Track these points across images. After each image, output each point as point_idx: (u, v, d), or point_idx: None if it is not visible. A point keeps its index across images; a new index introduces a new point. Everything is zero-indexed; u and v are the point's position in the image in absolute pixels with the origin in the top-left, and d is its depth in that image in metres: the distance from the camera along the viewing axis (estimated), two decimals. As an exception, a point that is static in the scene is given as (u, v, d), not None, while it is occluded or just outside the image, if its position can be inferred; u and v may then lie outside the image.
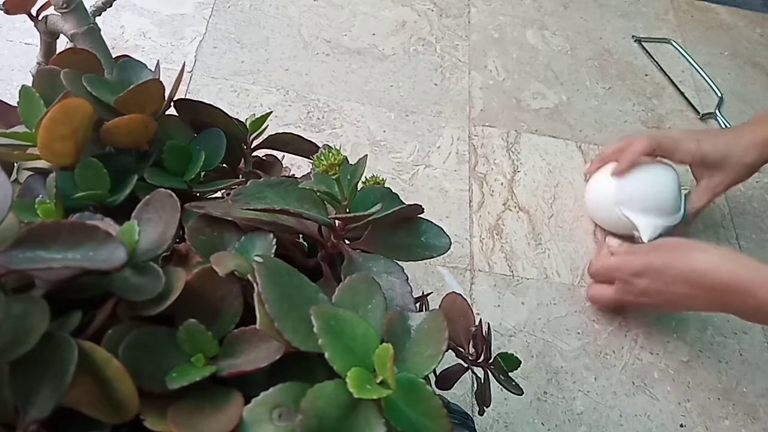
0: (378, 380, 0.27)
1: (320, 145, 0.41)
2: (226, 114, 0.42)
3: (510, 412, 0.63)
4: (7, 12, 0.43)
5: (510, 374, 0.42)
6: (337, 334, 0.28)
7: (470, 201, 0.79)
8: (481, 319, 0.43)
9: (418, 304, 0.39)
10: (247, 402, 0.27)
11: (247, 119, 0.45)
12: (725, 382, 0.69)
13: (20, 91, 0.37)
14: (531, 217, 0.79)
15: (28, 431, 0.25)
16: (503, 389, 0.42)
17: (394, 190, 0.39)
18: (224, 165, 0.43)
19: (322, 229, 0.38)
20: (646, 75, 0.98)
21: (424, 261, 0.52)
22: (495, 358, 0.42)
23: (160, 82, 0.38)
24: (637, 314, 0.73)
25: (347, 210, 0.36)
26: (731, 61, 1.02)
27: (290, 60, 0.88)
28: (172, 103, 0.41)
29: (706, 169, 0.75)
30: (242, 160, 0.45)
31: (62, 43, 0.44)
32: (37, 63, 0.48)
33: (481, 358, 0.41)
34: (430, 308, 0.41)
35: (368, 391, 0.26)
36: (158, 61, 0.42)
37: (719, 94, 0.95)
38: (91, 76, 0.37)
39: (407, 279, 0.36)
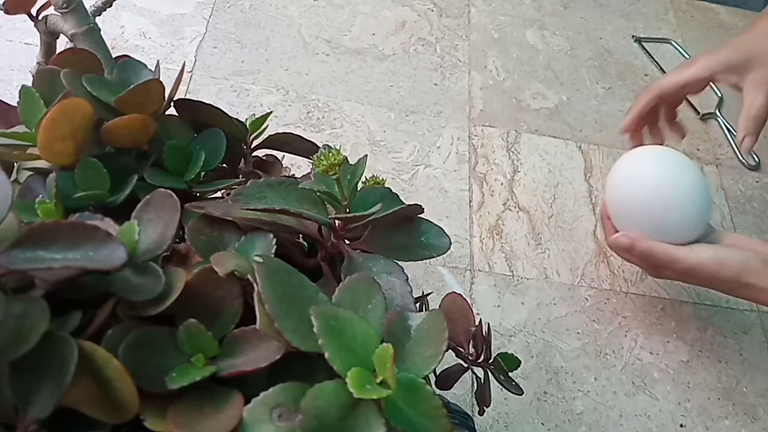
0: (378, 380, 0.27)
1: (320, 145, 0.41)
2: (226, 114, 0.42)
3: (510, 412, 0.63)
4: (7, 12, 0.43)
5: (510, 374, 0.42)
6: (337, 334, 0.28)
7: (470, 201, 0.79)
8: (481, 319, 0.43)
9: (418, 304, 0.39)
10: (247, 402, 0.27)
11: (247, 119, 0.45)
12: (725, 382, 0.69)
13: (20, 91, 0.37)
14: (531, 217, 0.79)
15: (28, 431, 0.25)
16: (503, 389, 0.42)
17: (394, 190, 0.39)
18: (224, 165, 0.43)
19: (322, 229, 0.38)
20: (646, 75, 0.98)
21: (424, 261, 0.52)
22: (495, 358, 0.42)
23: (160, 82, 0.38)
24: (637, 314, 0.73)
25: (347, 210, 0.36)
26: (731, 61, 1.02)
27: (290, 60, 0.88)
28: (172, 103, 0.41)
29: (738, 72, 0.65)
30: (242, 160, 0.45)
31: (62, 43, 0.44)
32: (37, 63, 0.48)
33: (481, 358, 0.41)
34: (430, 308, 0.41)
35: (368, 391, 0.26)
36: (158, 61, 0.42)
37: (719, 94, 0.95)
38: (91, 76, 0.37)
39: (407, 279, 0.36)
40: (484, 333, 0.42)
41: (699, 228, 0.63)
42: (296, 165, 0.72)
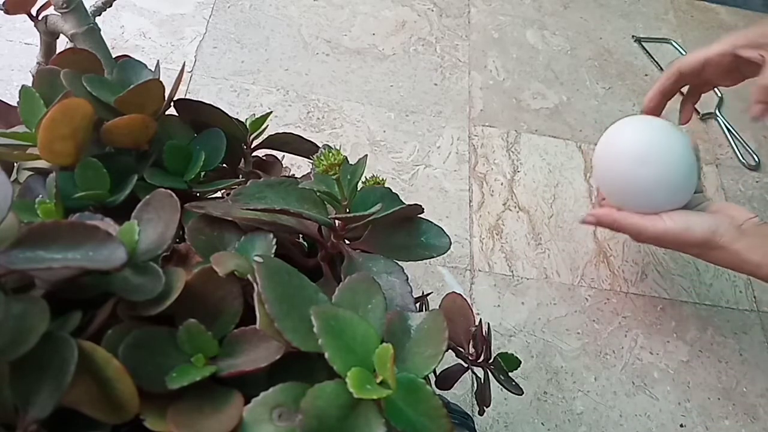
0: (378, 380, 0.27)
1: (320, 145, 0.41)
2: (226, 114, 0.42)
3: (510, 412, 0.63)
4: (7, 12, 0.43)
5: (510, 374, 0.42)
6: (337, 334, 0.28)
7: (470, 201, 0.79)
8: (481, 319, 0.43)
9: (418, 304, 0.39)
10: (247, 402, 0.27)
11: (247, 119, 0.45)
12: (725, 382, 0.69)
13: (20, 91, 0.37)
14: (531, 217, 0.79)
15: (28, 431, 0.25)
16: (503, 389, 0.42)
17: (394, 190, 0.39)
18: (224, 165, 0.43)
19: (322, 229, 0.38)
20: (646, 75, 0.98)
21: (424, 261, 0.52)
22: (495, 358, 0.42)
23: (160, 82, 0.38)
24: (637, 314, 0.73)
25: (347, 210, 0.36)
26: (731, 61, 1.02)
27: (290, 60, 0.88)
28: (172, 103, 0.41)
29: (760, 45, 0.62)
30: (242, 160, 0.45)
31: (62, 43, 0.44)
32: (37, 63, 0.48)
33: (481, 358, 0.41)
34: (430, 308, 0.41)
35: (368, 391, 0.26)
36: (158, 61, 0.42)
37: (719, 94, 0.95)
38: (91, 76, 0.37)
39: (407, 279, 0.36)
40: (484, 333, 0.42)
41: (684, 195, 0.62)
42: (296, 165, 0.72)
